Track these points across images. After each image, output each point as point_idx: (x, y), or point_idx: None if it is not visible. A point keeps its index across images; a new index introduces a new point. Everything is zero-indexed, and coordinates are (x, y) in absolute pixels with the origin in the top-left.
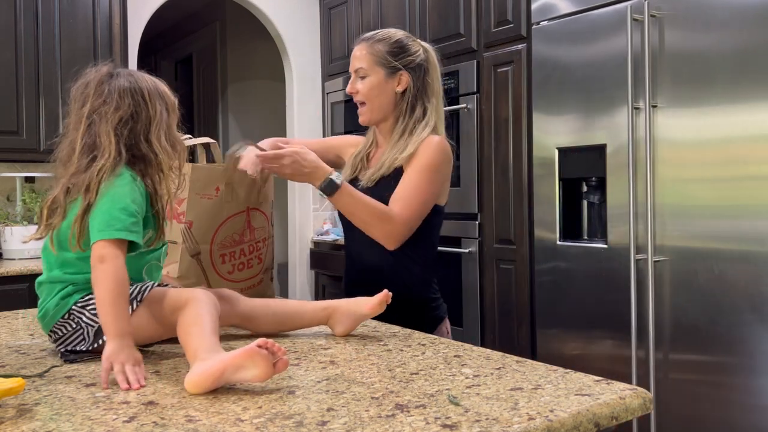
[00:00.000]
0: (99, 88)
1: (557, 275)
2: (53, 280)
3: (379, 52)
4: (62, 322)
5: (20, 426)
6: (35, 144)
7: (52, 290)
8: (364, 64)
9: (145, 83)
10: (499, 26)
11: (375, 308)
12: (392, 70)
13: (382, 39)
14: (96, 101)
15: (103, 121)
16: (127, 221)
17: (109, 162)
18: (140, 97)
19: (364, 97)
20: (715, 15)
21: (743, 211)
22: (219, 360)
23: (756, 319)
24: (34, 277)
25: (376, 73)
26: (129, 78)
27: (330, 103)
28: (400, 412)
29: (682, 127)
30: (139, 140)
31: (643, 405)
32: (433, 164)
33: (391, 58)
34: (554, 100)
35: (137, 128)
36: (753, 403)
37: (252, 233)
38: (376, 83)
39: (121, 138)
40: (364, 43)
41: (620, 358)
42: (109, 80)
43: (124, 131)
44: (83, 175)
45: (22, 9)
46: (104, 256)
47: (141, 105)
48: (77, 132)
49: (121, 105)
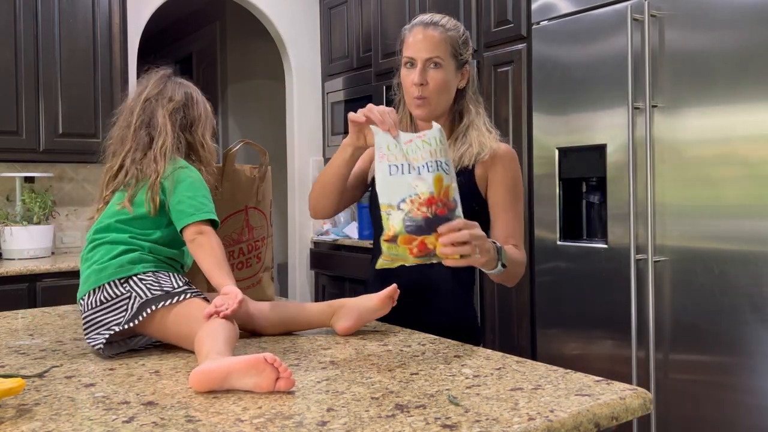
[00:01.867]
0: (158, 81)
1: (557, 275)
2: (115, 241)
3: (454, 42)
4: (118, 283)
5: (20, 426)
6: (35, 144)
7: (113, 250)
8: (440, 52)
9: (195, 90)
10: (499, 26)
11: (383, 302)
12: (460, 64)
13: (454, 28)
14: (153, 90)
15: (159, 106)
16: (210, 205)
17: (168, 142)
18: (190, 97)
19: (435, 90)
20: (715, 15)
21: (743, 211)
22: (227, 362)
23: (756, 319)
24: (34, 277)
25: (449, 65)
26: (183, 81)
27: (330, 103)
28: (400, 413)
29: (682, 127)
30: (188, 130)
31: (643, 405)
32: (519, 184)
33: (462, 50)
34: (554, 100)
35: (187, 120)
36: (753, 403)
37: (251, 232)
38: (450, 76)
39: (175, 123)
40: (436, 29)
41: (620, 359)
42: (167, 78)
43: (177, 117)
44: (145, 152)
45: (21, 9)
46: (203, 230)
47: (190, 103)
48: (133, 115)
49: (175, 97)
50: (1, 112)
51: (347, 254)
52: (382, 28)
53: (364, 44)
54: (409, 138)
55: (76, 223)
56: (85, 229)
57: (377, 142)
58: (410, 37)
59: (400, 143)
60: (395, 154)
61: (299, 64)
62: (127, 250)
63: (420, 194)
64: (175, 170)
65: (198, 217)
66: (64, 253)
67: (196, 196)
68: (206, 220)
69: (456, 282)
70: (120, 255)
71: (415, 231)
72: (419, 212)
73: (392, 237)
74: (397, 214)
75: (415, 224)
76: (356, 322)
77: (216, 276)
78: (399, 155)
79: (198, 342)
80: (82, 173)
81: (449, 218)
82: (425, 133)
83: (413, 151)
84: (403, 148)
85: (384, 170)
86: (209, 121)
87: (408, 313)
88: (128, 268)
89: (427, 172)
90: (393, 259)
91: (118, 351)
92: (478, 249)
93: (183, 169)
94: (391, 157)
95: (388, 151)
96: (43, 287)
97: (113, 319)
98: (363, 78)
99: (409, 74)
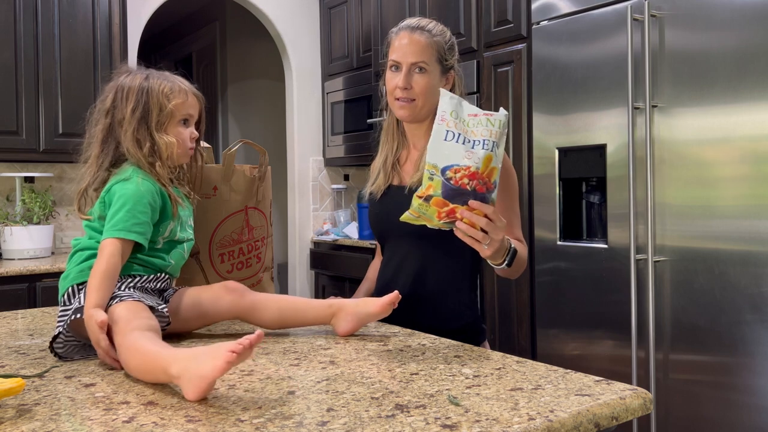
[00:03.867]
0: (108, 91)
1: (557, 275)
2: (85, 248)
3: (439, 47)
4: (76, 289)
5: (20, 426)
6: (35, 144)
7: (81, 257)
8: (425, 57)
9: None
10: (499, 26)
11: (384, 308)
12: (446, 69)
13: (441, 33)
14: (107, 103)
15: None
16: (127, 222)
17: (91, 152)
18: (144, 94)
19: (420, 95)
20: (715, 15)
21: (743, 211)
22: (210, 370)
23: (756, 319)
24: (34, 277)
25: (434, 70)
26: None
27: (330, 103)
28: (400, 413)
29: (682, 127)
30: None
31: (643, 405)
32: (510, 178)
33: (448, 55)
34: (554, 100)
35: (146, 121)
36: (753, 403)
37: (251, 232)
38: (435, 81)
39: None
40: (422, 34)
41: (620, 359)
42: (115, 86)
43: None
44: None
45: (21, 9)
46: (103, 245)
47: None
48: (97, 126)
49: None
50: (1, 112)
51: (347, 254)
52: (382, 28)
53: (364, 44)
54: (474, 111)
55: (76, 223)
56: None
57: (442, 104)
58: (396, 41)
59: (464, 113)
60: (456, 122)
61: (299, 64)
62: (92, 255)
63: (468, 167)
64: (115, 183)
65: (107, 234)
66: (63, 253)
67: (118, 211)
68: (116, 237)
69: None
70: (84, 261)
71: (450, 197)
72: (460, 182)
73: (427, 196)
74: (440, 177)
75: (453, 191)
76: (356, 326)
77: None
78: (459, 124)
79: (139, 361)
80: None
81: (485, 197)
82: (493, 113)
83: (474, 125)
84: (465, 119)
85: (441, 133)
86: (167, 106)
87: (410, 316)
88: (87, 273)
89: (481, 148)
90: (419, 216)
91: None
92: (489, 240)
93: (119, 183)
94: (451, 124)
95: (451, 117)
96: (43, 287)
97: (59, 324)
98: (363, 78)
99: (394, 77)
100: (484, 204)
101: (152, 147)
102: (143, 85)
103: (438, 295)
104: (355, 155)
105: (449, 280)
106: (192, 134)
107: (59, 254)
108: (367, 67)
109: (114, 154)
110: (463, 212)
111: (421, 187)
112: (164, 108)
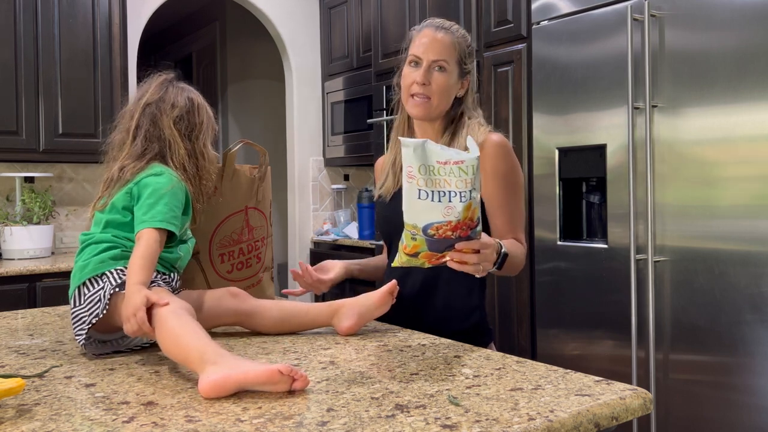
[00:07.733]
0: (158, 86)
1: (557, 275)
2: (100, 241)
3: (461, 49)
4: (98, 278)
5: (20, 426)
6: (35, 144)
7: (96, 249)
8: (446, 56)
9: (197, 94)
10: (499, 26)
11: (383, 298)
12: (463, 73)
13: (463, 37)
14: (153, 95)
15: (162, 113)
16: (167, 214)
17: (182, 152)
18: (193, 103)
19: (436, 93)
20: (715, 15)
21: (743, 211)
22: (241, 372)
23: (756, 319)
24: (34, 277)
25: (453, 70)
26: (185, 86)
27: (330, 103)
28: (400, 413)
29: (682, 127)
30: (188, 137)
31: (643, 405)
32: (513, 173)
33: (467, 59)
34: (554, 100)
35: (189, 127)
36: (753, 403)
37: (251, 232)
38: (452, 82)
39: (182, 131)
40: (446, 33)
41: (620, 359)
42: (168, 83)
43: (182, 125)
44: (143, 158)
45: (21, 9)
46: (141, 235)
47: (193, 109)
48: (132, 120)
49: (177, 103)
50: (1, 112)
51: (347, 254)
52: (382, 28)
53: (364, 44)
54: (443, 158)
55: (76, 223)
56: (84, 230)
57: (406, 158)
58: (419, 38)
59: (431, 161)
60: (426, 179)
61: (299, 64)
62: (109, 247)
63: (449, 221)
64: (147, 176)
65: (148, 224)
66: (63, 253)
67: (156, 203)
68: (156, 228)
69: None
70: (102, 252)
71: (437, 249)
72: (444, 235)
73: (415, 253)
74: (422, 236)
75: (438, 243)
76: (357, 321)
77: (129, 274)
78: (430, 178)
79: (174, 345)
80: (82, 173)
81: (470, 237)
82: (463, 159)
83: (446, 174)
84: (434, 167)
85: (413, 192)
86: (210, 128)
87: (419, 318)
88: (108, 263)
89: (459, 201)
90: (410, 264)
91: (111, 350)
92: (481, 267)
93: (151, 177)
94: (422, 182)
95: (419, 174)
96: (43, 287)
97: (92, 312)
98: (363, 78)
99: (412, 73)
100: (471, 241)
101: (202, 158)
102: (203, 103)
103: (447, 297)
104: (355, 155)
105: (459, 281)
106: None
107: (59, 254)
108: (367, 67)
109: (153, 152)
110: (452, 255)
111: (405, 244)
112: (214, 129)
